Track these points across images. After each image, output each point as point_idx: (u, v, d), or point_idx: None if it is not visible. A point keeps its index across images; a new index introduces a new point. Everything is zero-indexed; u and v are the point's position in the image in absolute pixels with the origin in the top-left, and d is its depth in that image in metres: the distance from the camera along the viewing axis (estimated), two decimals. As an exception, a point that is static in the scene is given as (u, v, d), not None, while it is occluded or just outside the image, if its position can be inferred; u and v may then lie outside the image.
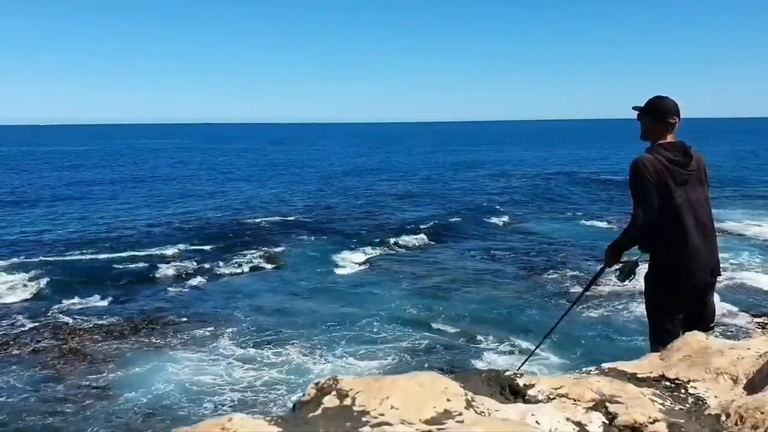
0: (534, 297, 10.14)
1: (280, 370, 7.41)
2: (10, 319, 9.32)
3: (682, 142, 3.31)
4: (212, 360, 7.70)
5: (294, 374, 7.31)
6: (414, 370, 1.70)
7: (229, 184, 28.79)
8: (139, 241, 15.05)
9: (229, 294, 10.68)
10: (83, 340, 8.49)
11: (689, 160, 3.23)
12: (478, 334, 8.42)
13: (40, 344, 8.33)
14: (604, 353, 7.33)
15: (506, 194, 24.03)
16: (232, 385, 7.01)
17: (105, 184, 29.28)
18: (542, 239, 15.01)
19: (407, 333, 8.53)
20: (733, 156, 43.03)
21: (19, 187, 27.90)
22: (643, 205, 3.21)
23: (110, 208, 20.66)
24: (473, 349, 7.94)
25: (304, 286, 11.15)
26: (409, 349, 7.96)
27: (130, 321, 9.25)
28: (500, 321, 8.99)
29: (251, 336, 8.53)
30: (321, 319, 9.20)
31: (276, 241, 14.79)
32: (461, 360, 7.54)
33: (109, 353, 8.01)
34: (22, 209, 20.61)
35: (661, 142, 3.28)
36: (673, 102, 3.36)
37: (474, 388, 1.63)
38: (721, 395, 1.85)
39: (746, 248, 13.41)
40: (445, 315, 9.29)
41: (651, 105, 3.37)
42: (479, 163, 41.04)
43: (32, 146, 77.44)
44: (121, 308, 9.94)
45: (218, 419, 1.26)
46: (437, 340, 8.29)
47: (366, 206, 20.56)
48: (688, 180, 3.21)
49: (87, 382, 7.14)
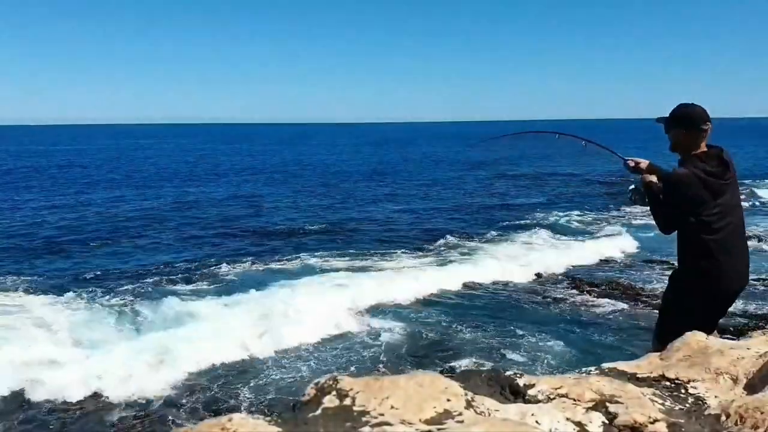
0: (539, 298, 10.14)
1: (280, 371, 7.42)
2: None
3: (716, 148, 3.16)
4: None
5: (294, 375, 7.31)
6: (414, 370, 1.70)
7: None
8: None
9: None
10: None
11: (726, 169, 3.10)
12: (479, 334, 8.42)
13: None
14: (604, 353, 7.33)
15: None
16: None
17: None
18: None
19: (407, 332, 8.53)
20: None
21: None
22: (665, 219, 3.19)
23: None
24: (473, 349, 7.93)
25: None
26: (408, 349, 7.96)
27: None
28: (501, 320, 8.98)
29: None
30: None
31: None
32: (461, 360, 7.53)
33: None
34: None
35: (696, 153, 3.12)
36: (702, 108, 3.18)
37: (474, 388, 1.63)
38: (721, 395, 1.85)
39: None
40: (445, 314, 9.30)
41: (680, 114, 3.19)
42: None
43: (82, 144, 77.25)
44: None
45: (218, 419, 1.26)
46: (437, 339, 8.28)
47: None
48: (725, 190, 3.09)
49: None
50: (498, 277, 11.23)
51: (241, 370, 7.45)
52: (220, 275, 11.76)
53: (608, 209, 19.68)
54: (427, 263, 12.44)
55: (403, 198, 23.53)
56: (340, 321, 8.86)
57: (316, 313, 8.89)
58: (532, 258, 12.44)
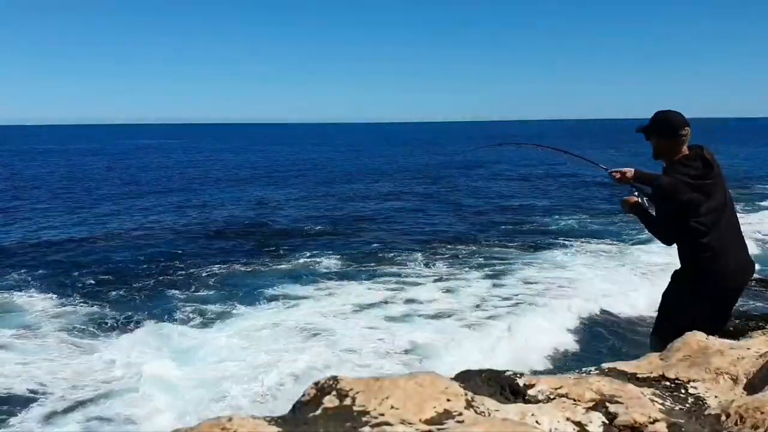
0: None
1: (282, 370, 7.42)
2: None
3: (697, 149, 3.21)
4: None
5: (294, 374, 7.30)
6: (414, 371, 1.70)
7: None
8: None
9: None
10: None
11: (710, 168, 3.14)
12: (479, 333, 8.41)
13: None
14: (604, 353, 7.33)
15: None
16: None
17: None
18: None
19: (406, 332, 8.53)
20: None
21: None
22: (664, 232, 3.23)
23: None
24: (473, 348, 7.92)
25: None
26: (408, 349, 7.95)
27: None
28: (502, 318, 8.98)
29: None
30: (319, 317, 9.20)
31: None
32: (461, 360, 7.52)
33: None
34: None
35: (678, 158, 3.18)
36: (679, 114, 3.25)
37: (474, 388, 1.63)
38: (721, 395, 1.85)
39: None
40: (444, 315, 9.29)
41: (658, 122, 3.26)
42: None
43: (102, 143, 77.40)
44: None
45: (218, 419, 1.26)
46: (437, 339, 8.28)
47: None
48: (713, 189, 3.14)
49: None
50: (497, 278, 11.24)
51: (241, 370, 7.45)
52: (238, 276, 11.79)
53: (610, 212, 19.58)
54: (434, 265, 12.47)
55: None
56: (346, 321, 8.92)
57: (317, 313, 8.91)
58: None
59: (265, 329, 8.66)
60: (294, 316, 9.27)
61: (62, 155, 55.48)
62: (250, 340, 8.29)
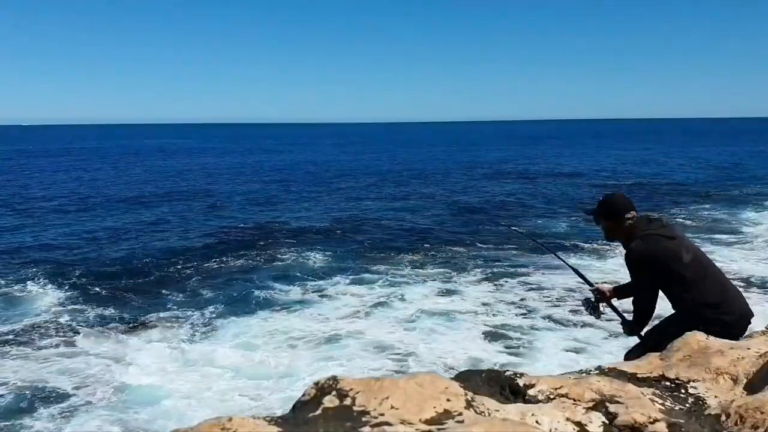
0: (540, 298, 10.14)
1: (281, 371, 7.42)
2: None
3: (650, 216, 3.30)
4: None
5: (293, 374, 7.31)
6: (414, 371, 1.70)
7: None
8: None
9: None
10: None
11: (670, 229, 3.24)
12: (480, 333, 8.42)
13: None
14: (604, 353, 7.33)
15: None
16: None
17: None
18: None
19: (406, 333, 8.53)
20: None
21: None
22: (645, 307, 3.29)
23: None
24: (473, 348, 7.94)
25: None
26: (408, 350, 7.96)
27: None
28: (501, 318, 8.99)
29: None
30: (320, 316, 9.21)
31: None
32: (461, 360, 7.53)
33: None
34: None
35: (634, 232, 3.25)
36: (622, 197, 3.39)
37: (474, 388, 1.63)
38: (721, 395, 1.85)
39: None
40: (445, 314, 9.30)
41: (604, 208, 3.39)
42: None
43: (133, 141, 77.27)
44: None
45: (218, 419, 1.26)
46: (437, 339, 8.29)
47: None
48: (682, 246, 3.21)
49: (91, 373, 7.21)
50: (497, 279, 11.25)
51: (241, 370, 7.46)
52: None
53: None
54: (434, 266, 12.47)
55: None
56: (345, 323, 8.90)
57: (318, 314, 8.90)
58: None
59: (265, 329, 8.69)
60: (294, 317, 9.31)
61: (69, 154, 55.49)
62: (251, 340, 8.31)
